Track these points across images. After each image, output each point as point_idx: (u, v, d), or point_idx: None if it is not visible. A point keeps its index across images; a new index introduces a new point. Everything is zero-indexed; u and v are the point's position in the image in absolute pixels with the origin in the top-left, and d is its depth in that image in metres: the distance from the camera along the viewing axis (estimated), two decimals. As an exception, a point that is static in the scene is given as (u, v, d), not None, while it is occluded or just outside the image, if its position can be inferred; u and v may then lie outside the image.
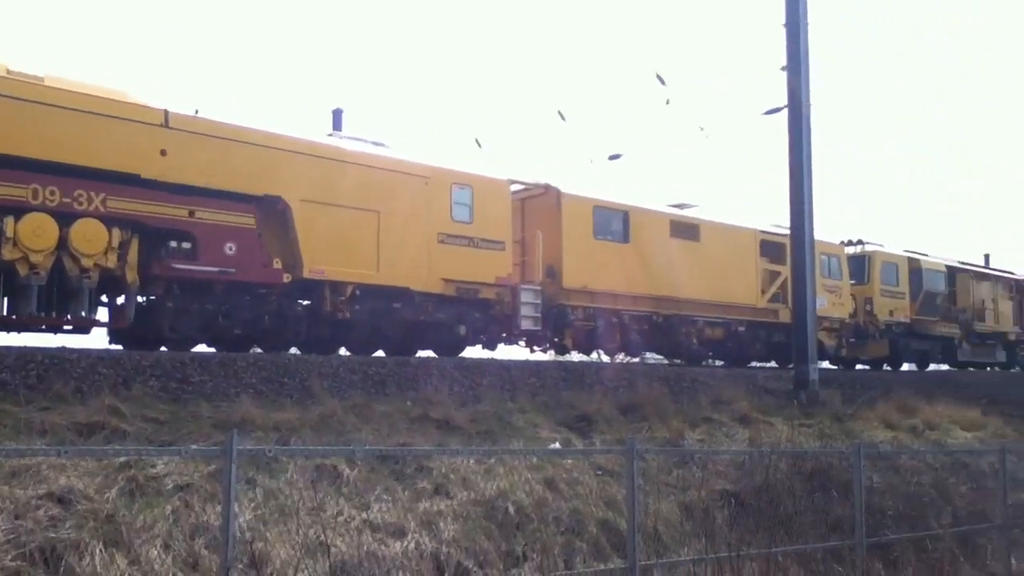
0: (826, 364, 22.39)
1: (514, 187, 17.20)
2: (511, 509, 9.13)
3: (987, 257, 33.31)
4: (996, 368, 28.81)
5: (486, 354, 16.76)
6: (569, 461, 10.47)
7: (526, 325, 16.29)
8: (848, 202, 79.39)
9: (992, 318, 27.93)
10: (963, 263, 28.34)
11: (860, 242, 25.16)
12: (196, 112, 12.81)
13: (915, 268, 25.51)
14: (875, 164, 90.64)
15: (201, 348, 13.06)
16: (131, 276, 11.85)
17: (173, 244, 12.32)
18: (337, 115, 16.95)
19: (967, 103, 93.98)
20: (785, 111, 17.85)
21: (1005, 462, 12.17)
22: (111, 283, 11.94)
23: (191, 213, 12.36)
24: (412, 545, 8.15)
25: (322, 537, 7.35)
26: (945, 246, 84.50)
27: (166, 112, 12.37)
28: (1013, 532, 12.00)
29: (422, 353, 15.63)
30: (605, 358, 18.91)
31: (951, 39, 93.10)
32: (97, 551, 6.82)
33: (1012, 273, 30.53)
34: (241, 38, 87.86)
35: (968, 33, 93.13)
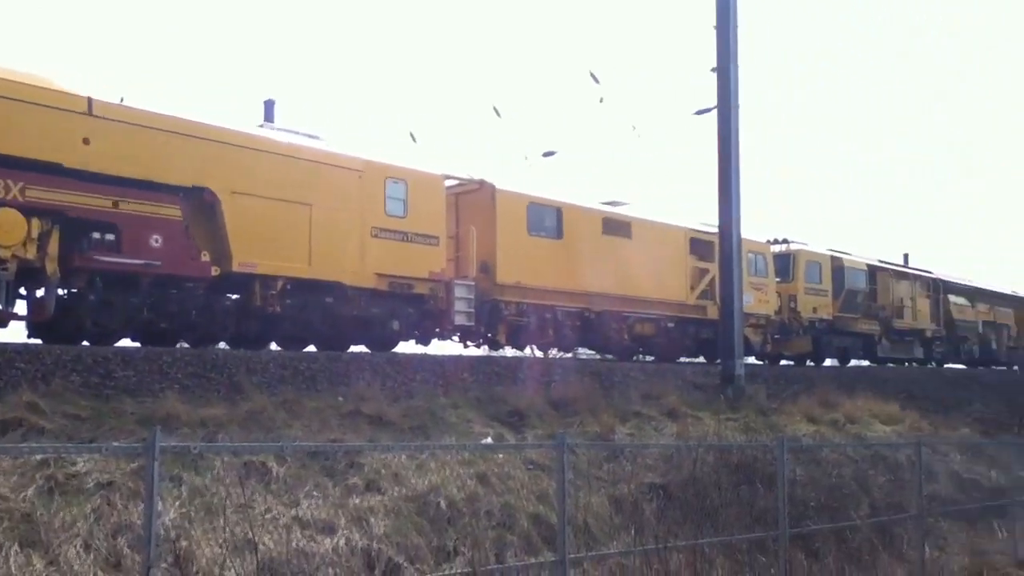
0: (752, 360, 22.89)
1: (449, 182, 17.16)
2: (443, 504, 9.15)
3: (906, 256, 34.51)
4: (914, 364, 29.87)
5: (419, 349, 16.72)
6: (501, 456, 10.52)
7: (459, 320, 16.29)
8: (775, 201, 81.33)
9: (910, 316, 28.92)
10: (883, 262, 29.28)
11: (785, 241, 25.78)
12: (121, 100, 12.46)
13: (838, 266, 26.26)
14: (802, 164, 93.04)
15: (125, 342, 12.74)
16: (51, 268, 11.48)
17: (96, 235, 11.97)
18: (269, 106, 16.64)
19: (894, 107, 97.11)
20: (715, 112, 18.20)
21: (921, 454, 12.62)
22: (30, 275, 11.52)
23: (115, 204, 12.03)
24: (342, 541, 8.10)
25: (249, 535, 7.25)
26: (867, 245, 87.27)
27: (90, 99, 12.00)
28: (928, 521, 12.47)
29: (354, 348, 15.51)
30: (538, 353, 19.03)
31: (865, 38, 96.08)
32: (12, 552, 6.62)
33: (930, 272, 31.67)
34: (172, 25, 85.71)
35: (885, 33, 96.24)
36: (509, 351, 19.19)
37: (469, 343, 18.02)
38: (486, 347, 18.65)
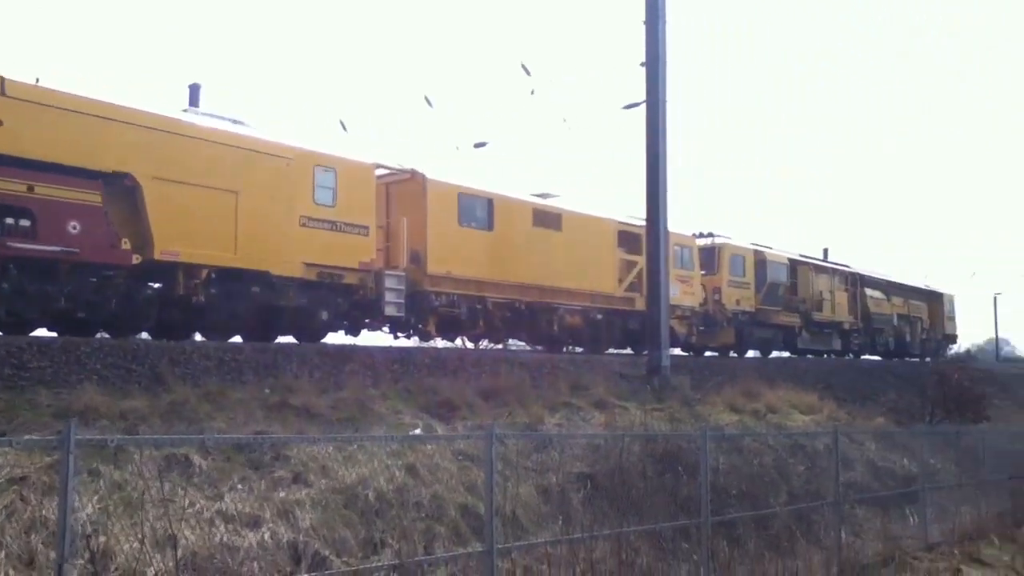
0: (677, 351, 23.31)
1: (379, 171, 17.00)
2: (371, 496, 9.10)
3: (826, 251, 35.57)
4: (832, 355, 30.84)
5: (349, 340, 16.55)
6: (430, 447, 10.51)
7: (390, 311, 16.18)
8: (702, 195, 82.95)
9: (829, 308, 29.84)
10: (804, 256, 30.13)
11: (711, 234, 26.29)
12: (37, 81, 12.00)
13: (760, 260, 26.92)
14: (729, 160, 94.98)
15: (41, 332, 12.30)
16: (-40, 255, 11.02)
17: (10, 221, 11.53)
18: (194, 90, 16.20)
19: (816, 109, 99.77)
20: (643, 106, 18.41)
21: (837, 443, 13.04)
22: (-63, 262, 11.06)
23: (30, 188, 11.59)
24: (267, 535, 7.98)
25: (170, 529, 7.10)
26: (788, 239, 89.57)
27: (2, 79, 11.53)
28: (844, 508, 12.90)
29: (282, 339, 15.27)
30: (469, 344, 19.03)
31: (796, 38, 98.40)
32: (-82, 551, 6.34)
33: (848, 266, 32.70)
34: (94, 7, 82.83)
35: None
36: (440, 342, 19.15)
37: (399, 334, 17.93)
38: (416, 338, 18.58)
